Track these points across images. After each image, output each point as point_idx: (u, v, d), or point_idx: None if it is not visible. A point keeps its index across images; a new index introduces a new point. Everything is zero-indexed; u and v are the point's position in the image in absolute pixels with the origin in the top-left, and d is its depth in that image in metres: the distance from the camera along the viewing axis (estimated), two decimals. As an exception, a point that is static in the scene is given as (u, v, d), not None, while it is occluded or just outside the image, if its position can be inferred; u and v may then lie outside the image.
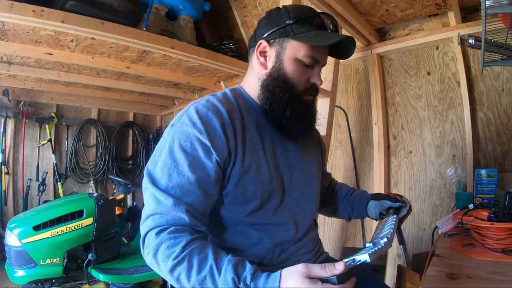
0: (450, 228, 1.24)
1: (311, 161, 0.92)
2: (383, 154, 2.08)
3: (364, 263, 0.55)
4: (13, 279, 1.90)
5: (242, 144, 0.74)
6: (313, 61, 0.79)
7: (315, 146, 1.00)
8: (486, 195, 1.48)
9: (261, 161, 0.77)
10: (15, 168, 3.11)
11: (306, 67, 0.79)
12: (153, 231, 0.65)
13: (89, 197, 2.22)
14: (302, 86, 0.80)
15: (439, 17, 1.90)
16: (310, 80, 0.81)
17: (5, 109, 2.91)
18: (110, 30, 1.78)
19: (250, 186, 0.74)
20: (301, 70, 0.79)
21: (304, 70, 0.80)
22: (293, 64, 0.79)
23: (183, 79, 2.80)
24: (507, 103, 1.67)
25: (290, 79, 0.79)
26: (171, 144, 0.71)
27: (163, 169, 0.69)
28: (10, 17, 1.52)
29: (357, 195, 1.04)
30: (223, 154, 0.71)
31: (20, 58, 2.33)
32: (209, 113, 0.73)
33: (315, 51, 0.78)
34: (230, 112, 0.76)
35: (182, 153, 0.69)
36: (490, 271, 0.78)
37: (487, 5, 0.93)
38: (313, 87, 0.82)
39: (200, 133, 0.69)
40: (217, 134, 0.71)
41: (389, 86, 2.15)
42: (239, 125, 0.76)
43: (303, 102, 0.82)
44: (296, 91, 0.80)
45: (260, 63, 0.82)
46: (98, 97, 3.45)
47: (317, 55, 0.79)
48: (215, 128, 0.71)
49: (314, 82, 0.82)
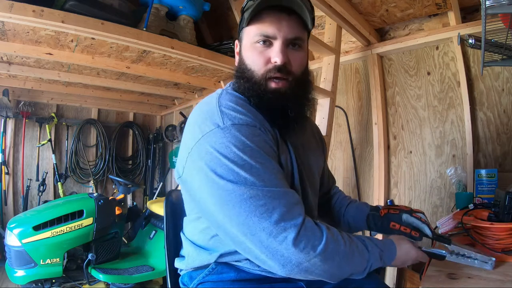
0: (450, 228, 1.24)
1: (314, 162, 0.88)
2: (383, 154, 2.08)
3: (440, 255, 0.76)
4: (13, 279, 1.90)
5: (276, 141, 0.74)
6: (265, 38, 0.72)
7: (316, 145, 0.95)
8: (486, 195, 1.47)
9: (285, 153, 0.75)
10: (15, 168, 3.11)
11: (262, 47, 0.73)
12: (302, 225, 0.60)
13: (89, 197, 2.22)
14: (261, 69, 0.73)
15: (439, 17, 1.90)
16: (271, 60, 0.73)
17: (5, 109, 2.92)
18: (110, 30, 1.78)
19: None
20: (257, 53, 0.73)
21: (261, 51, 0.73)
22: (249, 49, 0.75)
23: (183, 79, 2.80)
24: (507, 103, 1.67)
25: (247, 65, 0.74)
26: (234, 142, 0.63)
27: (249, 168, 0.61)
28: (10, 17, 1.52)
29: (356, 207, 0.99)
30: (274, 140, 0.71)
31: (20, 58, 2.33)
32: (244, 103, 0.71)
33: (263, 26, 0.72)
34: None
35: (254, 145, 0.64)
36: (490, 271, 0.78)
37: (487, 5, 0.93)
38: (274, 67, 0.72)
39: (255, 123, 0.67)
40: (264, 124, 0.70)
41: (389, 86, 2.15)
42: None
43: (266, 90, 0.72)
44: (255, 78, 0.73)
45: (236, 63, 0.82)
46: (98, 97, 3.45)
47: (267, 29, 0.72)
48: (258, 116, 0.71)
49: (273, 60, 0.72)
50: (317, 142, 0.96)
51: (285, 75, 0.72)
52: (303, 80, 0.77)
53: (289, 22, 0.72)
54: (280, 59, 0.71)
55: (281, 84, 0.72)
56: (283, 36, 0.72)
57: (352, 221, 0.97)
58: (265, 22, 0.72)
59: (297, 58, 0.75)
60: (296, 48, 0.75)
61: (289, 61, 0.73)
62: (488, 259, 0.77)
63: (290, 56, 0.73)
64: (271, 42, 0.72)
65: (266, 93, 0.72)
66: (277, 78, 0.72)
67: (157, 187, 3.87)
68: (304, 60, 0.78)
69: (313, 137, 0.95)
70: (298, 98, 0.75)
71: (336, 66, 1.91)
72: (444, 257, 0.77)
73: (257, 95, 0.72)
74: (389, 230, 0.82)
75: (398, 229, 0.79)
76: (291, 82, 0.73)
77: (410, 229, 0.78)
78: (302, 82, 0.76)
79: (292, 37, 0.73)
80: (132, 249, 2.53)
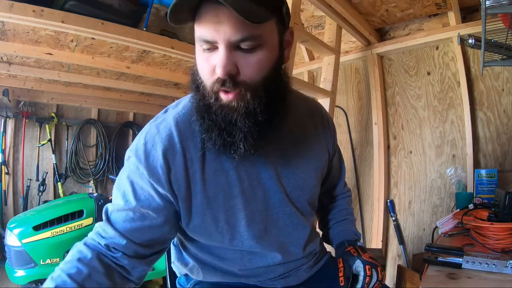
0: (450, 228, 1.24)
1: (308, 167, 0.75)
2: (383, 154, 2.08)
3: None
4: (13, 279, 1.90)
5: (184, 174, 0.64)
6: (206, 43, 0.56)
7: (317, 142, 0.79)
8: (486, 195, 1.48)
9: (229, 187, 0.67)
10: (15, 168, 3.11)
11: (208, 54, 0.57)
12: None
13: (89, 197, 2.22)
14: (209, 80, 0.58)
15: (439, 17, 1.90)
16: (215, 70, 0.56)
17: (5, 109, 2.91)
18: (110, 30, 1.78)
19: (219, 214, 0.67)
20: (203, 60, 0.58)
21: (206, 58, 0.57)
22: (197, 55, 0.60)
23: (183, 79, 2.80)
24: (507, 103, 1.67)
25: (198, 75, 0.60)
26: (121, 174, 0.68)
27: (116, 193, 0.66)
28: (10, 17, 1.52)
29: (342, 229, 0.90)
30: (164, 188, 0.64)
31: (20, 58, 2.33)
32: (155, 139, 0.64)
33: (201, 27, 0.56)
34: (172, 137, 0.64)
35: (129, 186, 0.64)
36: (490, 271, 0.78)
37: (487, 5, 0.93)
38: (217, 80, 0.56)
39: (143, 165, 0.63)
40: (156, 165, 0.63)
41: (389, 86, 2.15)
42: (179, 154, 0.63)
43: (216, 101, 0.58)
44: (204, 89, 0.59)
45: None
46: (98, 97, 3.45)
47: (204, 32, 0.55)
48: (156, 158, 0.63)
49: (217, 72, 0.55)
50: (318, 136, 0.79)
51: (233, 88, 0.56)
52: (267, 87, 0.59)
53: (231, 21, 0.53)
54: (221, 71, 0.54)
55: (231, 97, 0.57)
56: (225, 39, 0.54)
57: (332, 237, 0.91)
58: (203, 22, 0.55)
59: (250, 63, 0.56)
60: (247, 51, 0.56)
61: (237, 70, 0.56)
62: (507, 263, 0.78)
63: (240, 62, 0.56)
64: (216, 47, 0.55)
65: (214, 108, 0.58)
66: (225, 91, 0.57)
67: (157, 187, 3.87)
68: (263, 62, 0.58)
69: (314, 131, 0.79)
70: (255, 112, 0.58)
71: (336, 66, 1.91)
72: (460, 265, 0.79)
73: (206, 110, 0.59)
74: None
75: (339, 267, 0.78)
76: (243, 95, 0.57)
77: (345, 274, 0.76)
78: (264, 89, 0.58)
79: (238, 38, 0.54)
80: (132, 249, 2.53)
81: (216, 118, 0.58)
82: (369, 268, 0.74)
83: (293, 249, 0.75)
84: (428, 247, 0.91)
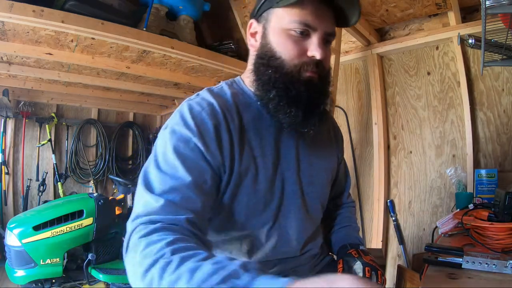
0: (450, 228, 1.24)
1: (321, 165, 0.79)
2: (383, 154, 2.08)
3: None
4: (13, 279, 1.90)
5: (239, 149, 0.65)
6: (304, 28, 0.63)
7: (330, 145, 0.84)
8: (486, 195, 1.47)
9: (258, 168, 0.67)
10: (15, 168, 3.11)
11: (299, 37, 0.64)
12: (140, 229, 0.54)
13: (89, 197, 2.22)
14: (295, 60, 0.64)
15: (439, 17, 1.90)
16: (307, 53, 0.64)
17: (5, 109, 2.91)
18: (110, 30, 1.78)
19: (243, 197, 0.67)
20: (291, 41, 0.64)
21: (296, 41, 0.64)
22: (280, 35, 0.65)
23: (183, 79, 2.80)
24: (507, 103, 1.67)
25: (277, 53, 0.65)
26: (164, 145, 0.62)
27: (157, 173, 0.60)
28: (10, 17, 1.52)
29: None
30: (217, 160, 0.63)
31: (20, 58, 2.33)
32: (203, 113, 0.64)
33: (305, 14, 0.63)
34: (225, 111, 0.66)
35: (176, 155, 0.60)
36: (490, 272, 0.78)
37: (487, 5, 0.93)
38: (312, 61, 0.65)
39: (194, 135, 0.61)
40: (210, 137, 0.62)
41: (389, 86, 2.15)
42: (236, 127, 0.66)
43: (297, 80, 0.65)
44: (285, 68, 0.64)
45: (251, 46, 0.71)
46: (98, 97, 3.45)
47: (308, 18, 0.63)
48: (209, 130, 0.62)
49: (312, 54, 0.64)
50: (330, 139, 0.86)
51: (317, 70, 0.66)
52: (328, 80, 0.71)
53: (328, 15, 0.65)
54: (319, 54, 0.64)
55: (314, 76, 0.66)
56: (323, 29, 0.64)
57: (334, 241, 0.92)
58: (306, 9, 0.62)
59: (327, 54, 0.68)
60: (327, 44, 0.68)
61: (324, 58, 0.66)
62: (507, 263, 0.77)
63: (324, 52, 0.66)
64: (309, 33, 0.64)
65: (299, 84, 0.64)
66: (311, 71, 0.66)
67: (157, 187, 3.87)
68: (330, 57, 0.73)
69: (327, 133, 0.86)
70: (324, 94, 0.70)
71: (336, 66, 1.91)
72: (460, 265, 0.79)
73: (285, 88, 0.64)
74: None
75: (338, 267, 0.79)
76: (321, 77, 0.68)
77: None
78: (328, 81, 0.71)
79: (330, 31, 0.66)
80: (132, 249, 2.53)
81: (296, 91, 0.65)
82: (368, 270, 0.74)
83: (292, 242, 0.76)
84: (428, 247, 0.91)
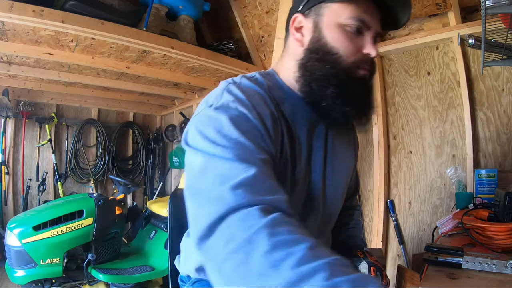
0: (450, 228, 1.24)
1: (343, 166, 0.79)
2: (383, 154, 2.08)
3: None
4: (13, 279, 1.90)
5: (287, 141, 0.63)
6: (361, 25, 0.63)
7: (350, 146, 0.84)
8: (486, 195, 1.47)
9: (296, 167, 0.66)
10: (15, 168, 3.11)
11: (354, 34, 0.64)
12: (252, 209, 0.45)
13: (89, 197, 2.22)
14: (351, 57, 0.64)
15: (439, 17, 1.90)
16: (362, 51, 0.64)
17: (5, 109, 2.91)
18: (110, 30, 1.78)
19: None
20: (347, 37, 0.63)
21: (351, 37, 0.63)
22: (335, 31, 0.63)
23: (183, 79, 2.80)
24: (507, 103, 1.67)
25: (333, 48, 0.63)
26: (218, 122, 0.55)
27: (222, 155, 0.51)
28: (10, 17, 1.52)
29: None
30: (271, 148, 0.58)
31: (20, 58, 2.33)
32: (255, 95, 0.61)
33: (362, 12, 0.63)
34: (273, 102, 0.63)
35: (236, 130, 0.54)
36: (490, 272, 0.78)
37: (487, 5, 0.93)
38: (366, 59, 0.65)
39: (250, 112, 0.57)
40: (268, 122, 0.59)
41: (389, 86, 2.15)
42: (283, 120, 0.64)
43: (353, 77, 0.64)
44: (342, 64, 0.63)
45: (296, 40, 0.68)
46: (98, 97, 3.46)
47: (365, 16, 0.63)
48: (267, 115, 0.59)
49: (368, 52, 0.64)
50: (349, 140, 0.85)
51: (369, 67, 0.67)
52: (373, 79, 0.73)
53: (377, 15, 0.66)
54: (375, 52, 0.64)
55: (368, 74, 0.67)
56: (376, 28, 0.65)
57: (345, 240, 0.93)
58: (361, 7, 0.63)
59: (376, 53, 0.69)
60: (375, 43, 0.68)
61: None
62: (507, 263, 0.77)
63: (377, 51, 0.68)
64: (362, 32, 0.64)
65: (354, 82, 0.64)
66: (366, 69, 0.67)
67: (157, 187, 3.87)
68: None
69: (346, 135, 0.85)
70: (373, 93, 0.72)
71: (336, 66, 1.91)
72: (460, 265, 0.79)
73: (341, 84, 0.63)
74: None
75: None
76: (371, 77, 0.69)
77: None
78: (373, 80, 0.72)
79: (379, 32, 0.67)
80: (132, 249, 2.53)
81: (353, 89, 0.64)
82: (374, 270, 0.77)
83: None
84: (428, 247, 0.91)
